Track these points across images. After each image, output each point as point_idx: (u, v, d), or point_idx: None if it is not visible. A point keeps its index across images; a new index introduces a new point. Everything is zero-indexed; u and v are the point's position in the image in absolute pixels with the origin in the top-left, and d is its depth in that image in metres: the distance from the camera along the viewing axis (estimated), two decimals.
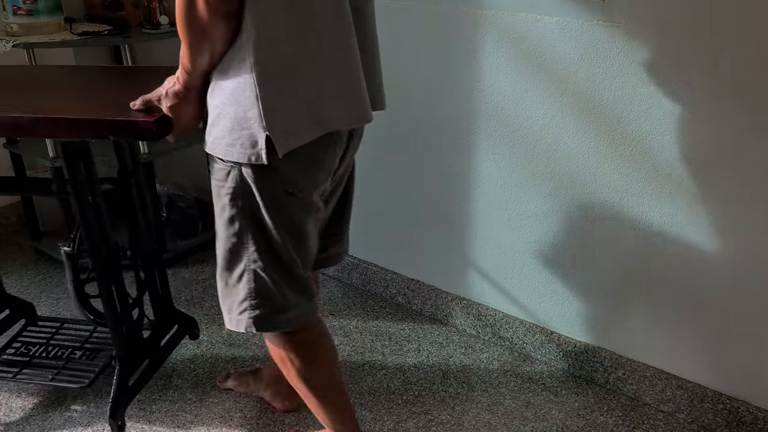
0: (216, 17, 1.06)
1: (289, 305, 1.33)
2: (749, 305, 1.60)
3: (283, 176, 1.20)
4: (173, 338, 1.95)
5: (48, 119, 1.31)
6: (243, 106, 1.13)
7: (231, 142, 1.17)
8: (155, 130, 1.24)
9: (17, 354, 1.92)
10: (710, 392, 1.72)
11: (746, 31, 1.40)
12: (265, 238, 1.26)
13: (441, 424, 1.79)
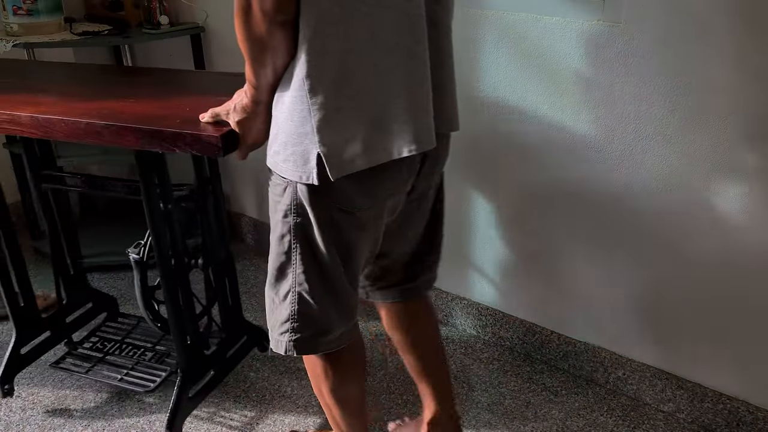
0: (273, 26, 1.00)
1: (332, 327, 1.27)
2: (749, 305, 1.60)
3: (339, 195, 1.13)
4: (241, 350, 1.91)
5: (116, 127, 1.27)
6: (296, 121, 1.07)
7: (286, 158, 1.11)
8: (220, 145, 1.18)
9: (93, 348, 1.98)
10: (710, 392, 1.72)
11: (746, 30, 1.40)
12: (314, 260, 1.19)
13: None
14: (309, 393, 1.89)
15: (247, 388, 1.92)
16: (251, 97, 1.14)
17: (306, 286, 1.21)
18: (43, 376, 1.99)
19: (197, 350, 1.73)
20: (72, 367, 1.92)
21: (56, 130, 1.32)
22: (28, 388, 1.95)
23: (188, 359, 1.70)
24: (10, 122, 1.36)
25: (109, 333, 2.06)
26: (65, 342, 2.01)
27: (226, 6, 2.40)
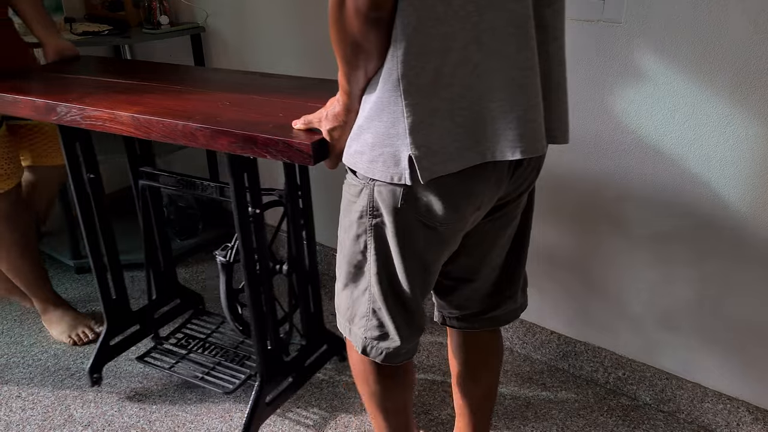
0: (367, 25, 0.95)
1: (400, 339, 1.22)
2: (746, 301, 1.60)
3: (422, 204, 1.07)
4: (320, 358, 1.90)
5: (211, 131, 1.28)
6: (386, 122, 1.02)
7: (372, 158, 1.05)
8: (311, 153, 1.17)
9: (177, 345, 2.02)
10: (710, 392, 1.72)
11: (745, 28, 1.41)
12: (388, 265, 1.15)
13: (441, 424, 1.79)
14: None
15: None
16: (343, 105, 1.10)
17: (377, 289, 1.17)
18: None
19: (277, 356, 1.74)
20: (156, 361, 1.97)
21: (154, 131, 1.36)
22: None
23: (267, 364, 1.69)
24: (113, 121, 1.41)
25: (194, 330, 2.09)
26: (152, 336, 2.06)
27: (227, 6, 2.42)
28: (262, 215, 1.58)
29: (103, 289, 1.90)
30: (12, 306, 2.34)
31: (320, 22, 2.13)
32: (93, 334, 2.15)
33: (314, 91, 1.51)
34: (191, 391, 1.92)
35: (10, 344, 2.14)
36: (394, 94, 0.99)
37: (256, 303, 1.62)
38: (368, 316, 1.21)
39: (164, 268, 2.06)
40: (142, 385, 1.95)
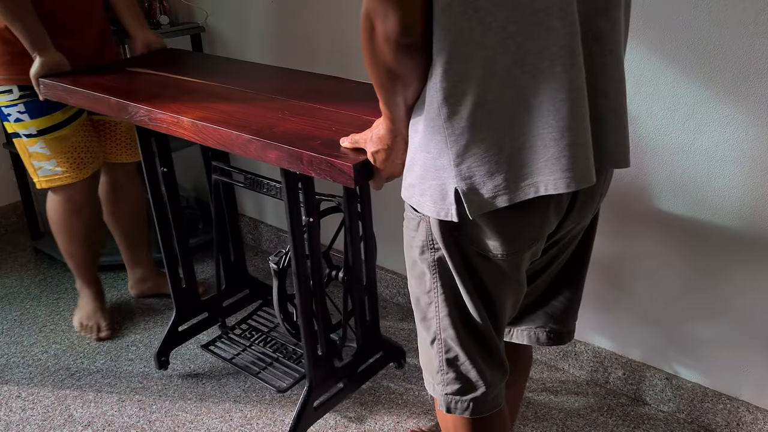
0: (399, 52, 0.90)
1: (486, 385, 1.13)
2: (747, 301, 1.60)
3: (476, 236, 1.01)
4: (374, 365, 1.88)
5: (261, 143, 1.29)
6: (433, 153, 0.96)
7: (422, 192, 0.99)
8: (352, 175, 1.15)
9: (242, 336, 2.06)
10: (710, 392, 1.72)
11: (745, 26, 1.41)
12: (457, 303, 1.07)
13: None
14: None
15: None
16: (386, 128, 1.05)
17: (452, 332, 1.08)
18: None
19: (328, 361, 1.73)
20: (220, 351, 2.00)
21: (210, 138, 1.39)
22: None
23: (317, 370, 1.69)
24: (175, 125, 1.45)
25: (259, 322, 2.12)
26: (219, 325, 2.09)
27: (227, 6, 2.41)
28: (317, 223, 1.58)
29: (173, 278, 1.95)
30: (12, 306, 2.35)
31: (321, 22, 2.13)
32: (95, 335, 2.15)
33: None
34: (191, 390, 1.92)
35: (10, 344, 2.14)
36: (437, 123, 0.94)
37: (306, 309, 1.62)
38: (442, 369, 1.12)
39: (234, 258, 2.11)
40: (142, 385, 1.95)
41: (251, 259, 2.64)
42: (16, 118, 1.89)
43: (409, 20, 0.87)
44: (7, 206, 2.85)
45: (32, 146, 1.92)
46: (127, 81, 1.74)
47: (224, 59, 1.97)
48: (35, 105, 1.86)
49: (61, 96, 1.72)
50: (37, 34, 1.75)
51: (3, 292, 2.43)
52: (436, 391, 1.16)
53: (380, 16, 0.87)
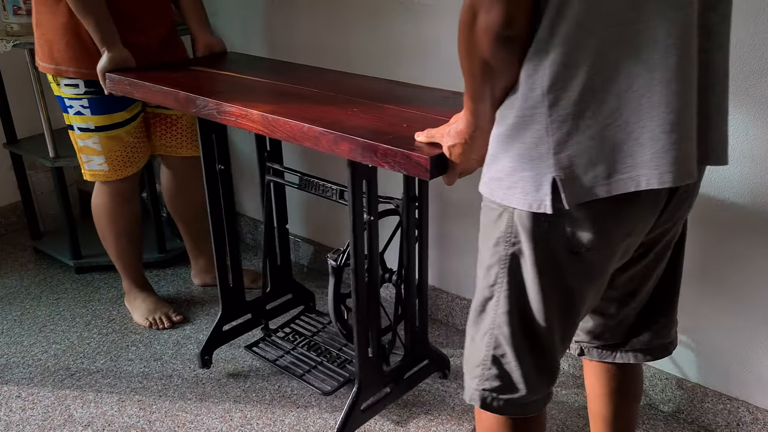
0: (497, 43, 0.89)
1: (527, 388, 1.09)
2: (749, 301, 1.60)
3: (569, 229, 0.98)
4: (421, 372, 1.87)
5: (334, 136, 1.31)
6: (528, 143, 0.94)
7: (510, 185, 0.97)
8: (428, 167, 1.15)
9: (285, 339, 2.07)
10: (710, 392, 1.72)
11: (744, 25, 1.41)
12: (521, 301, 1.04)
13: (441, 424, 1.79)
14: None
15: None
16: (467, 122, 1.04)
17: (506, 330, 1.06)
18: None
19: (377, 365, 1.73)
20: (263, 352, 2.01)
21: (279, 130, 1.41)
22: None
23: (366, 371, 1.69)
24: (244, 117, 1.47)
25: (301, 327, 2.13)
26: (262, 327, 2.10)
27: (227, 6, 2.41)
28: (376, 223, 1.59)
29: (221, 277, 1.96)
30: (12, 306, 2.35)
31: (321, 22, 2.13)
32: (169, 322, 2.21)
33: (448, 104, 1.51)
34: (191, 391, 1.92)
35: (10, 344, 2.14)
36: (538, 111, 0.92)
37: (362, 309, 1.62)
38: (485, 364, 1.10)
39: (281, 262, 2.12)
40: (142, 385, 1.95)
41: (251, 259, 2.64)
42: (77, 111, 1.93)
43: (513, 12, 0.87)
44: (7, 206, 2.85)
45: (84, 140, 1.97)
46: (191, 78, 1.79)
47: (282, 62, 2.00)
48: (98, 102, 1.92)
49: (127, 90, 1.75)
50: (108, 30, 1.79)
51: (3, 292, 2.43)
52: (470, 385, 1.14)
53: (484, 8, 0.87)
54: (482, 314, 1.09)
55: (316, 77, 1.79)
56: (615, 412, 1.36)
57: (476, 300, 1.10)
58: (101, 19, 1.77)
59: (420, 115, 1.41)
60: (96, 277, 2.51)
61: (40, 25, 1.88)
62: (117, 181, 2.03)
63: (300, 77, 1.76)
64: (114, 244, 2.14)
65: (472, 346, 1.13)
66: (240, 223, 2.75)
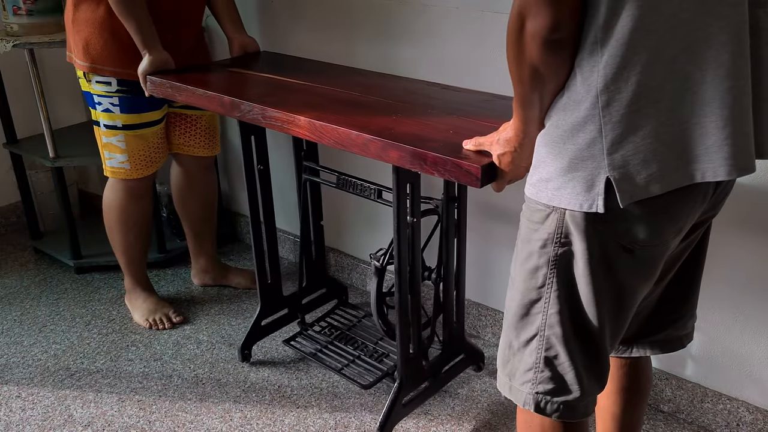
0: (545, 48, 0.91)
1: (580, 390, 1.08)
2: (749, 301, 1.60)
3: (623, 226, 0.98)
4: (456, 366, 1.91)
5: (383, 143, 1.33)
6: (581, 143, 0.94)
7: (560, 185, 0.97)
8: (479, 176, 1.17)
9: (321, 333, 2.10)
10: (710, 392, 1.72)
11: None
12: (573, 301, 1.04)
13: (441, 424, 1.79)
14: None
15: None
16: (516, 130, 1.05)
17: (558, 331, 1.05)
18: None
19: (417, 360, 1.76)
20: (301, 346, 2.04)
21: (327, 137, 1.43)
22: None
23: (408, 368, 1.72)
24: (290, 123, 1.49)
25: (337, 321, 2.16)
26: (298, 322, 2.14)
27: None
28: (419, 224, 1.61)
29: (260, 273, 2.00)
30: (12, 306, 2.35)
31: (321, 22, 2.13)
32: (169, 323, 2.21)
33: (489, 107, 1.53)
34: (191, 391, 1.92)
35: (10, 344, 2.14)
36: (592, 111, 0.93)
37: (405, 308, 1.66)
38: (537, 367, 1.09)
39: (315, 257, 2.16)
40: (142, 385, 1.95)
41: (251, 259, 2.64)
42: (106, 108, 1.95)
43: (560, 17, 0.88)
44: (7, 206, 2.85)
45: (109, 138, 1.99)
46: (232, 80, 1.81)
47: (315, 62, 2.00)
48: (129, 101, 1.94)
49: (169, 93, 1.77)
50: (149, 32, 1.80)
51: (3, 292, 2.43)
52: (515, 392, 1.13)
53: (532, 13, 0.89)
54: (527, 317, 1.08)
55: (351, 79, 1.80)
56: (624, 408, 1.36)
57: (516, 304, 1.09)
58: (142, 21, 1.78)
59: (464, 121, 1.43)
60: (96, 277, 2.51)
61: (78, 22, 1.88)
62: (135, 179, 2.04)
63: (337, 79, 1.78)
64: (122, 239, 2.15)
65: (511, 352, 1.12)
66: (240, 224, 2.75)
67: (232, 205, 2.75)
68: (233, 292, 2.40)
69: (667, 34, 0.89)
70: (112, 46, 1.87)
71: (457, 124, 1.41)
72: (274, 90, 1.68)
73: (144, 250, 2.21)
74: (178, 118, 2.12)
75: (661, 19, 0.89)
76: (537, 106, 0.99)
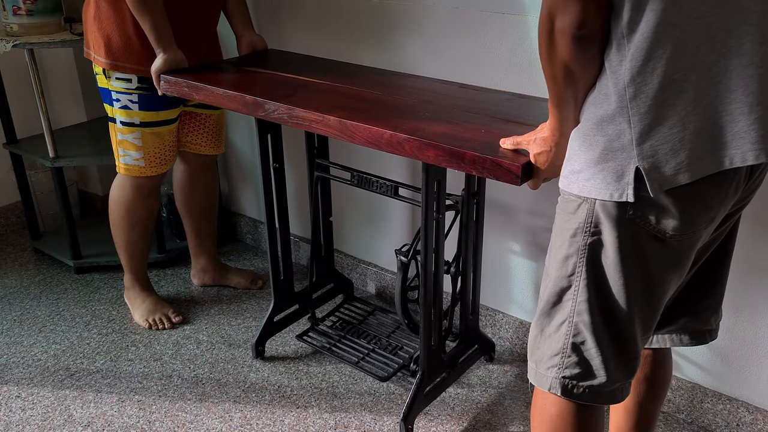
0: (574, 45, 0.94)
1: (606, 376, 1.10)
2: (748, 302, 1.60)
3: (653, 216, 1.00)
4: (470, 357, 1.95)
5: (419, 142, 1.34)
6: (610, 135, 0.97)
7: (590, 176, 1.00)
8: (519, 174, 1.21)
9: (333, 327, 2.13)
10: (710, 392, 1.72)
11: None
12: (601, 290, 1.06)
13: (441, 423, 1.79)
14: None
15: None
16: (552, 129, 1.09)
17: (586, 318, 1.07)
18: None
19: (438, 352, 1.79)
20: (314, 341, 2.06)
21: (359, 136, 1.43)
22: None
23: (430, 360, 1.75)
24: (319, 123, 1.49)
25: (347, 315, 2.19)
26: (308, 317, 2.17)
27: None
28: (443, 220, 1.63)
29: (274, 270, 2.01)
30: (12, 306, 2.34)
31: (322, 22, 2.12)
32: (169, 324, 2.22)
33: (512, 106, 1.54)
34: (191, 391, 1.92)
35: (10, 344, 2.14)
36: (620, 104, 0.96)
37: (429, 302, 1.68)
38: (564, 352, 1.11)
39: (324, 253, 2.18)
40: (142, 385, 1.95)
41: (251, 259, 2.64)
42: (124, 105, 1.94)
43: (587, 13, 0.92)
44: (7, 206, 2.85)
45: (125, 135, 1.99)
46: (249, 79, 1.80)
47: (326, 60, 2.00)
48: (148, 98, 1.94)
49: (185, 92, 1.77)
50: (164, 31, 1.80)
51: (3, 292, 2.43)
52: (540, 377, 1.15)
53: (560, 11, 0.93)
54: (557, 305, 1.11)
55: (369, 77, 1.80)
56: (639, 402, 1.36)
57: (549, 292, 1.12)
58: (158, 19, 1.78)
59: (492, 120, 1.44)
60: (96, 277, 2.51)
61: (100, 19, 1.88)
62: (147, 176, 2.05)
63: (354, 78, 1.79)
64: (125, 236, 2.15)
65: (542, 338, 1.15)
66: (240, 224, 2.75)
67: (232, 205, 2.75)
68: (233, 292, 2.40)
69: (689, 26, 0.92)
70: (134, 43, 1.87)
71: (486, 123, 1.43)
72: (296, 89, 1.67)
73: (146, 248, 2.21)
74: (189, 116, 2.13)
75: (683, 12, 0.91)
76: (571, 104, 1.02)
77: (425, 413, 1.82)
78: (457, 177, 1.73)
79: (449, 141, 1.32)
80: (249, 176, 2.62)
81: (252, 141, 2.48)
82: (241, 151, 2.61)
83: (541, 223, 1.88)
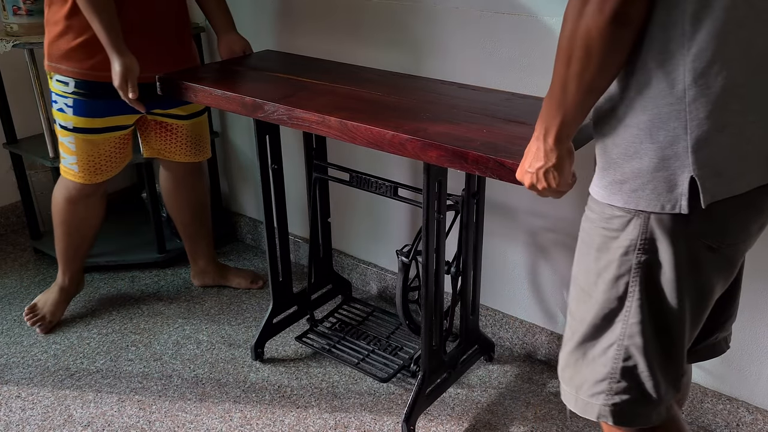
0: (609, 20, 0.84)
1: (658, 395, 1.05)
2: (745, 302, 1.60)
3: (708, 226, 0.95)
4: (470, 357, 1.95)
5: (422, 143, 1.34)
6: (662, 142, 0.90)
7: (637, 187, 0.93)
8: None
9: (332, 329, 2.13)
10: (710, 392, 1.72)
11: None
12: (657, 309, 1.00)
13: (441, 424, 1.79)
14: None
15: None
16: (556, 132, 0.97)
17: (639, 341, 1.01)
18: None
19: (439, 353, 1.79)
20: (313, 342, 2.07)
21: (360, 137, 1.43)
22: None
23: (433, 359, 1.75)
24: (320, 124, 1.49)
25: (345, 316, 2.19)
26: (307, 318, 2.16)
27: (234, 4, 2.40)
28: (444, 220, 1.64)
29: (273, 272, 2.01)
30: (12, 306, 2.34)
31: (321, 22, 2.12)
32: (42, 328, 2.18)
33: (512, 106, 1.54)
34: (191, 391, 1.92)
35: (10, 344, 2.14)
36: (677, 107, 0.89)
37: (430, 303, 1.69)
38: (613, 377, 1.05)
39: (323, 254, 2.19)
40: (142, 385, 1.95)
41: (251, 259, 2.64)
42: (60, 107, 1.94)
43: None
44: (7, 206, 2.85)
45: (63, 137, 1.98)
46: (248, 80, 1.79)
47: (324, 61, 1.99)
48: (83, 104, 1.91)
49: (183, 94, 1.75)
50: (116, 34, 1.76)
51: (3, 292, 2.43)
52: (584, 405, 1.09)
53: None
54: (606, 329, 1.04)
55: (368, 78, 1.80)
56: None
57: (594, 315, 1.05)
58: (109, 21, 1.74)
59: (493, 120, 1.44)
60: (96, 277, 2.51)
61: (48, 22, 1.88)
62: (81, 184, 2.02)
63: (353, 78, 1.78)
64: (60, 236, 2.14)
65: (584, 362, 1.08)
66: (240, 224, 2.75)
67: (232, 205, 2.75)
68: (233, 292, 2.40)
69: (759, 27, 0.87)
70: (75, 46, 1.85)
71: (487, 123, 1.43)
72: (295, 90, 1.67)
73: (73, 249, 2.18)
74: (159, 125, 2.08)
75: (753, 12, 0.86)
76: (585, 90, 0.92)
77: (425, 413, 1.82)
78: (457, 177, 1.73)
79: (451, 141, 1.33)
80: (249, 176, 2.62)
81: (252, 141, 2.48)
82: (240, 151, 2.61)
83: (541, 223, 1.88)
